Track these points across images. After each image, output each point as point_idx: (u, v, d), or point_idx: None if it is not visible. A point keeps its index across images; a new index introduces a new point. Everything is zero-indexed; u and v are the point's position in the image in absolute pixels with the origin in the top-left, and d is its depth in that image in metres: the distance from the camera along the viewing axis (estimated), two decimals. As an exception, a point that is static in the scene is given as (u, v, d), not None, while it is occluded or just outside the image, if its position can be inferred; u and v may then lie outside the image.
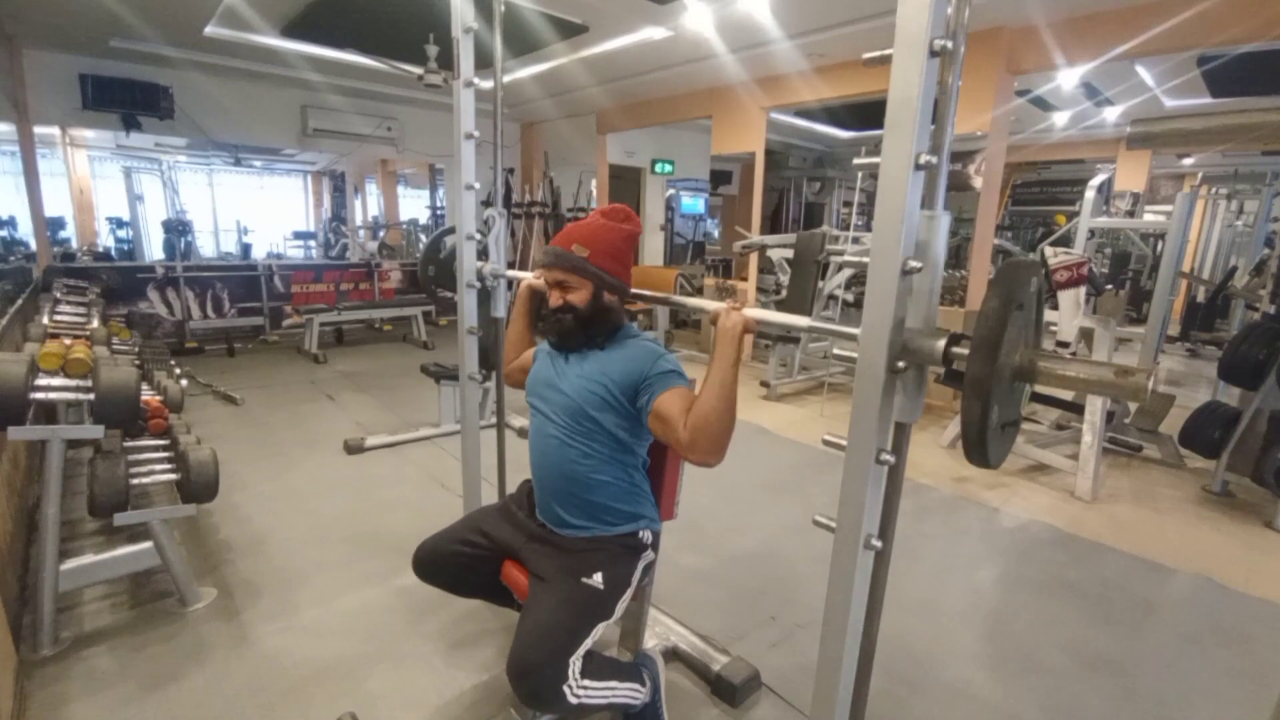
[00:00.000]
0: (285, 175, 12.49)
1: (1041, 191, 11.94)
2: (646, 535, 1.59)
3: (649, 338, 1.67)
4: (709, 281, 6.86)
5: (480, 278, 2.16)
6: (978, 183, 4.38)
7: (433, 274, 2.42)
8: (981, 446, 1.01)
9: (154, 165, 10.19)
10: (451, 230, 2.33)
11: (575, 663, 1.33)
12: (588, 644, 1.37)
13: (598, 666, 1.41)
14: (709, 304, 1.46)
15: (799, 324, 1.32)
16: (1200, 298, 7.40)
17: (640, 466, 1.61)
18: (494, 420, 2.39)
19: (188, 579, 2.19)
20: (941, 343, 1.01)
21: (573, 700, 1.32)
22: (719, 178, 7.86)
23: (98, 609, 2.15)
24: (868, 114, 7.19)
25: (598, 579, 1.45)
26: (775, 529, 2.90)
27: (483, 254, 2.18)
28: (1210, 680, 2.02)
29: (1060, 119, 7.03)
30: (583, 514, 1.55)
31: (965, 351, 0.99)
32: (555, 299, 1.57)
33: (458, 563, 1.62)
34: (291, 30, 4.82)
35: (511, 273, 2.10)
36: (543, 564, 1.51)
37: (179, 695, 1.79)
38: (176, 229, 8.85)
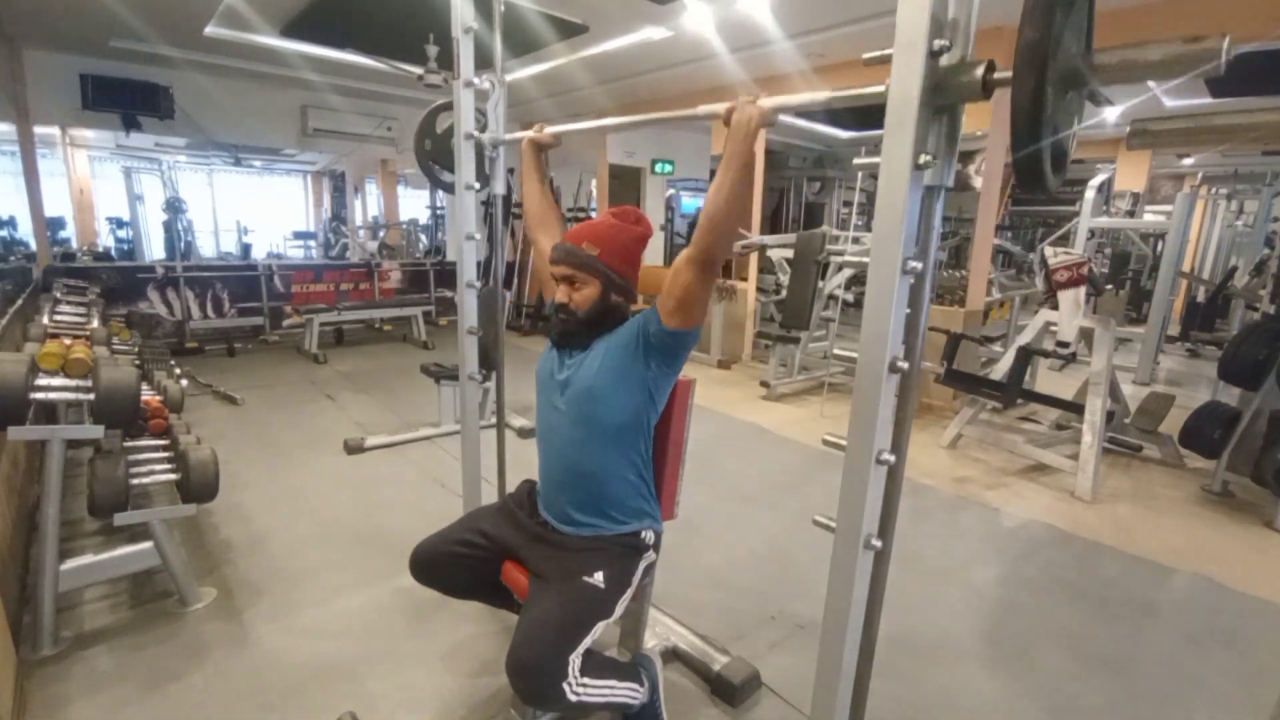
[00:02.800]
0: (285, 175, 12.50)
1: (1042, 191, 11.93)
2: (649, 535, 1.59)
3: None
4: None
5: (478, 148, 2.06)
6: (978, 183, 4.38)
7: (429, 148, 2.35)
8: (1038, 172, 0.93)
9: (154, 165, 10.19)
10: (447, 105, 2.26)
11: (575, 660, 1.33)
12: (587, 642, 1.37)
13: (597, 665, 1.41)
14: (718, 105, 1.37)
15: (818, 99, 1.20)
16: (1200, 298, 7.40)
17: (647, 464, 1.61)
18: (494, 420, 2.39)
19: (188, 579, 2.19)
20: (979, 70, 0.92)
21: (572, 698, 1.33)
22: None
23: (98, 609, 2.15)
24: (868, 114, 7.18)
25: (598, 577, 1.45)
26: (775, 529, 2.90)
27: (481, 126, 2.06)
28: (1210, 680, 2.02)
29: (1060, 119, 7.01)
30: (591, 510, 1.55)
31: (1008, 74, 0.89)
32: (562, 294, 1.57)
33: (456, 563, 1.61)
34: (291, 30, 4.82)
35: (510, 135, 2.02)
36: (543, 563, 1.51)
37: (179, 695, 1.79)
38: (174, 206, 8.85)
